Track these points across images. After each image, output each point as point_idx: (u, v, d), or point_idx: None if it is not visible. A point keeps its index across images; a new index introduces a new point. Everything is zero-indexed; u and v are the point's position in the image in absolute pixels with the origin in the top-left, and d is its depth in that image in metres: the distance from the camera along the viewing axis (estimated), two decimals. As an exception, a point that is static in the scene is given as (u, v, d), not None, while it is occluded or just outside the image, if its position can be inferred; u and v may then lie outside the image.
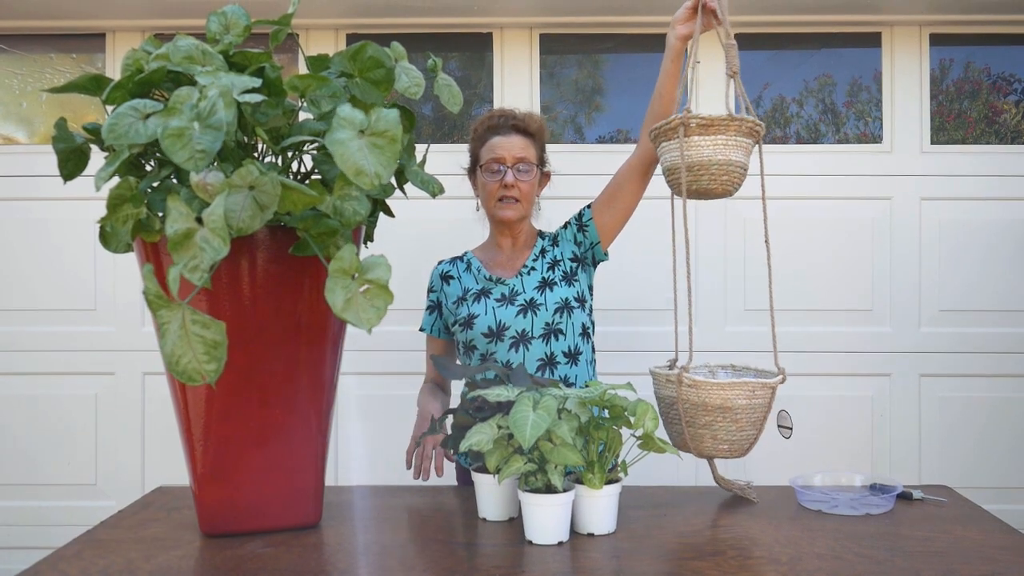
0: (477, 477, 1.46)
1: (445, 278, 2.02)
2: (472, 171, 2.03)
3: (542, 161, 2.00)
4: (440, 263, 2.07)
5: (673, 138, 1.49)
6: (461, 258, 2.05)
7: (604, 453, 1.41)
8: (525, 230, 2.02)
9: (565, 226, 2.03)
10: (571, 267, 1.97)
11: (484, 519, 1.46)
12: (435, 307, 2.04)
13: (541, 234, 2.04)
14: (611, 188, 1.96)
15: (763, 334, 2.88)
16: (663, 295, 2.79)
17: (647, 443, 1.40)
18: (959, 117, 2.99)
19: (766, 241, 1.57)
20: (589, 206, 2.00)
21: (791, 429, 1.61)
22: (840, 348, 2.89)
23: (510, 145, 1.93)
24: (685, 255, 1.52)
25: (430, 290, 2.05)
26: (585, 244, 1.99)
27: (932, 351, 2.90)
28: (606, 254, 2.00)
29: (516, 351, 1.88)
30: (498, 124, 1.96)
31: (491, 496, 1.45)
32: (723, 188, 1.49)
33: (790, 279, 2.89)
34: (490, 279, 1.97)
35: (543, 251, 2.00)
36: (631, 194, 1.92)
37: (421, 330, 2.06)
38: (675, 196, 1.58)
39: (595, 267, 2.03)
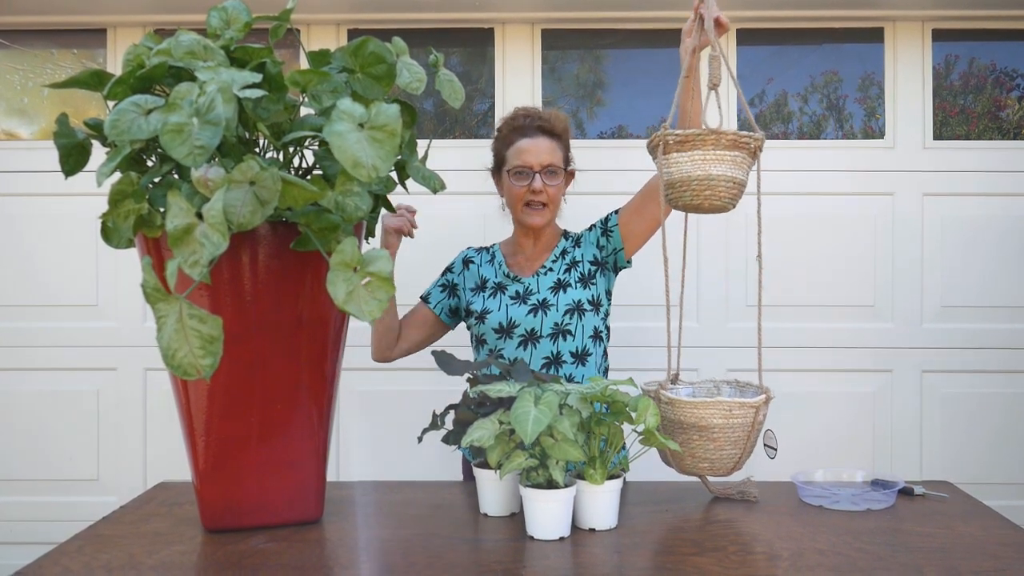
0: (479, 472, 1.46)
1: (466, 262, 2.04)
2: (496, 171, 2.01)
3: (567, 161, 1.98)
4: (468, 248, 2.08)
5: (658, 155, 1.49)
6: (488, 249, 2.06)
7: (605, 449, 1.41)
8: (548, 232, 2.00)
9: (590, 228, 2.01)
10: (590, 270, 1.96)
11: (485, 514, 1.47)
12: (448, 287, 2.04)
13: (565, 234, 2.03)
14: (640, 197, 1.92)
15: (765, 330, 2.87)
16: (673, 291, 2.78)
17: (648, 438, 1.40)
18: (962, 113, 2.98)
19: (758, 257, 1.54)
20: (616, 211, 1.97)
21: (776, 450, 1.61)
22: (842, 344, 2.89)
23: (537, 149, 1.90)
24: (668, 270, 1.53)
25: (448, 269, 2.06)
26: (608, 249, 1.96)
27: (934, 347, 2.89)
28: (629, 262, 1.98)
29: (524, 349, 1.89)
30: (524, 125, 1.93)
31: (493, 492, 1.46)
32: (710, 203, 1.46)
33: (792, 275, 2.88)
34: (508, 275, 1.97)
35: (564, 252, 1.99)
36: (659, 206, 1.89)
37: (423, 299, 2.05)
38: (678, 212, 1.58)
39: (616, 273, 2.00)
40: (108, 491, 2.90)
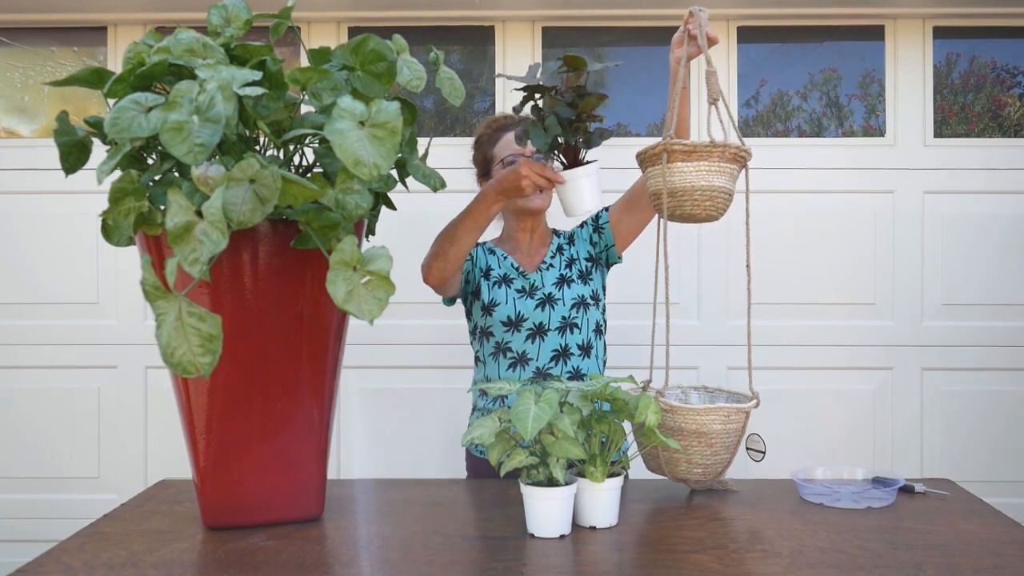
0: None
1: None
2: (485, 176, 2.02)
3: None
4: None
5: (657, 163, 1.49)
6: (481, 244, 2.04)
7: (606, 446, 1.41)
8: (542, 225, 2.02)
9: (581, 225, 2.05)
10: (586, 266, 1.99)
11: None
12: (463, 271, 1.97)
13: (556, 232, 2.06)
14: (630, 195, 1.96)
15: (766, 328, 2.88)
16: (670, 290, 2.79)
17: (649, 436, 1.40)
18: (962, 111, 2.98)
19: (747, 266, 1.56)
20: (607, 209, 2.01)
21: (763, 453, 1.61)
22: (842, 342, 2.89)
23: None
24: (665, 279, 1.54)
25: None
26: (600, 245, 2.00)
27: (934, 345, 2.89)
28: (620, 257, 2.02)
29: (532, 342, 1.91)
30: (507, 124, 1.98)
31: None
32: (706, 213, 1.49)
33: (792, 273, 2.88)
34: (515, 268, 1.98)
35: (560, 248, 2.01)
36: (650, 204, 1.89)
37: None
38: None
39: (608, 268, 2.04)
40: (109, 489, 2.90)
